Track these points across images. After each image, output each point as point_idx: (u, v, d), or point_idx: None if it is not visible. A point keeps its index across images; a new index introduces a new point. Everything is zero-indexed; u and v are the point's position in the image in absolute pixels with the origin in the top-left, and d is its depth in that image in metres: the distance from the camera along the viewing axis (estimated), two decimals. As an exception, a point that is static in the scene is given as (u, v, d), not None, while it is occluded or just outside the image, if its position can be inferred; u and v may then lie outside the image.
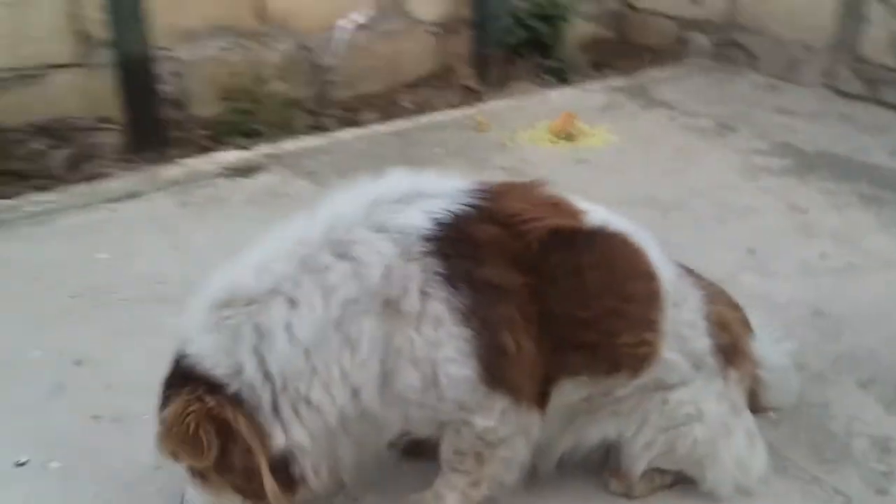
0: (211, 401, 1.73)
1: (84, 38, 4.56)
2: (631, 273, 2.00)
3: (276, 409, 1.78)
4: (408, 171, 1.96)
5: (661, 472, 2.23)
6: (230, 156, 4.39)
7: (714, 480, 2.19)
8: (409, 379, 1.81)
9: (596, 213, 2.02)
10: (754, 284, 3.19)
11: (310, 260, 1.79)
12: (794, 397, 2.54)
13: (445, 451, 2.03)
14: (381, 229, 1.82)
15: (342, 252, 1.80)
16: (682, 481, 2.25)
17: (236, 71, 5.00)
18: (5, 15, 4.29)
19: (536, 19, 6.09)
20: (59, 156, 4.33)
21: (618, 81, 5.82)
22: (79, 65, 4.60)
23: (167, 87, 4.76)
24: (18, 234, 3.51)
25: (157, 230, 3.57)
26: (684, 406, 2.10)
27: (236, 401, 1.75)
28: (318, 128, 4.98)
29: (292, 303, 1.77)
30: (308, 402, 1.79)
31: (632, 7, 6.87)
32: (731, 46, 6.32)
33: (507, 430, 1.94)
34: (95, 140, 4.51)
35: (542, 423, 2.00)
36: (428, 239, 1.80)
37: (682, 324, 2.07)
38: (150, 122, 4.52)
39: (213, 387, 1.75)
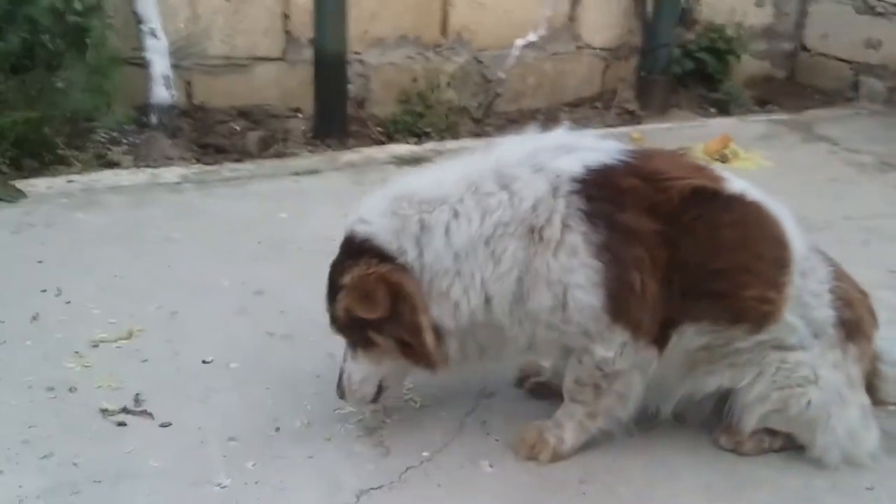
0: (385, 266, 2.08)
1: (289, 37, 5.17)
2: (764, 236, 2.19)
3: (432, 294, 2.12)
4: (569, 130, 2.27)
5: (772, 433, 2.36)
6: (401, 148, 4.85)
7: (824, 447, 2.30)
8: (542, 298, 2.09)
9: (737, 182, 2.24)
10: (891, 299, 3.21)
11: (476, 184, 2.12)
12: None
13: (567, 381, 2.28)
14: (538, 170, 2.12)
15: (504, 183, 2.12)
16: (791, 447, 2.37)
17: (415, 77, 5.48)
18: (224, 8, 4.95)
19: (706, 52, 6.22)
20: (254, 136, 4.91)
21: (781, 116, 5.86)
22: (281, 59, 5.21)
23: (353, 87, 5.30)
24: (216, 193, 4.07)
25: (331, 201, 4.01)
26: (802, 368, 2.24)
27: (404, 270, 2.10)
28: (480, 134, 5.35)
29: (455, 213, 2.10)
30: (447, 297, 2.10)
31: (805, 48, 6.87)
32: (905, 92, 6.20)
33: (624, 363, 2.16)
34: (286, 126, 5.08)
35: (657, 363, 2.21)
36: (576, 181, 2.09)
37: (807, 292, 2.23)
38: (336, 115, 5.04)
39: (384, 258, 2.10)
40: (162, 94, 4.71)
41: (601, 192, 2.09)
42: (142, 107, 4.76)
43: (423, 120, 5.31)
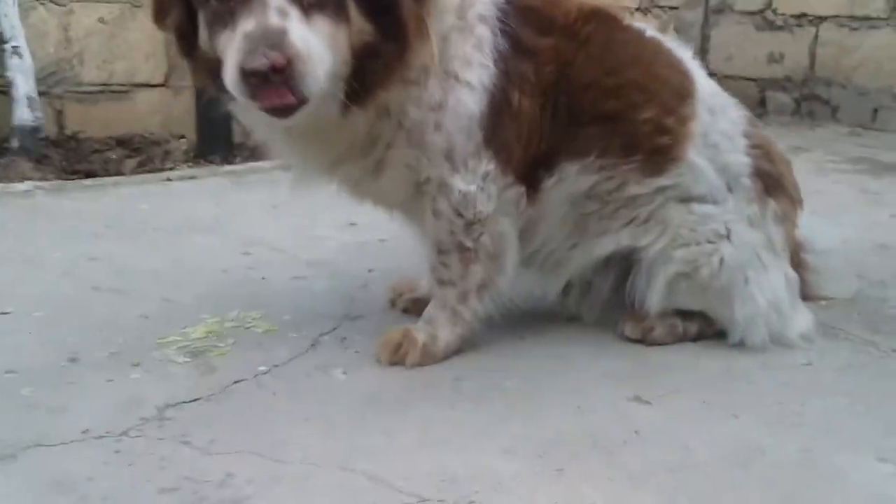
0: None
1: (172, 62, 4.86)
2: (663, 61, 1.95)
3: None
4: None
5: (685, 317, 1.98)
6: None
7: (745, 321, 1.92)
8: (433, 88, 1.75)
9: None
10: (818, 229, 2.91)
11: None
12: (846, 289, 2.25)
13: (430, 254, 1.88)
14: None
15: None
16: (707, 333, 1.98)
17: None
18: (100, 32, 4.64)
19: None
20: (131, 162, 4.51)
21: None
22: (164, 85, 4.89)
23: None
24: (72, 196, 3.60)
25: (203, 196, 3.62)
26: (711, 221, 1.91)
27: None
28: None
29: None
30: None
31: (711, 73, 6.83)
32: (812, 101, 6.15)
33: (487, 202, 1.80)
34: (167, 149, 4.70)
35: (534, 212, 1.88)
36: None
37: (716, 131, 1.93)
38: (220, 137, 4.68)
39: None
40: (25, 115, 4.30)
41: (514, 6, 1.82)
42: (5, 135, 4.35)
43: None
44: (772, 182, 1.99)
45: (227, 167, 4.29)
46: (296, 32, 1.48)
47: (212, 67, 1.62)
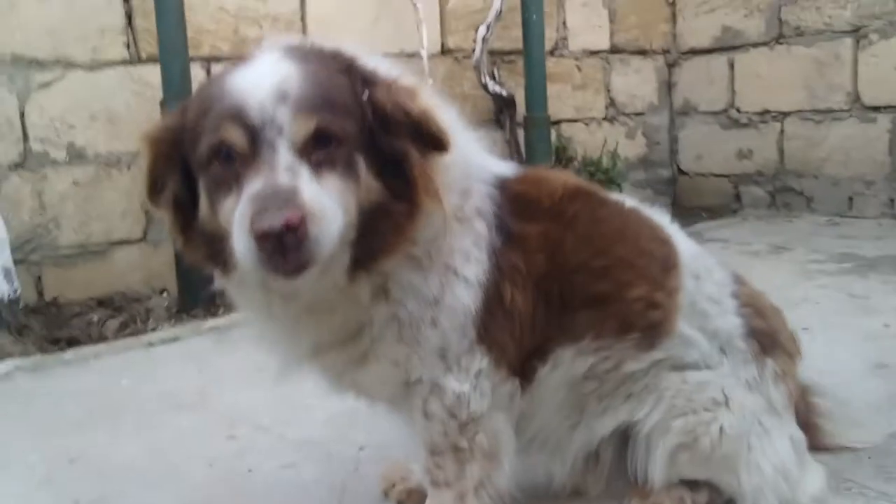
0: None
1: (149, 216, 4.87)
2: (646, 233, 1.93)
3: None
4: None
5: (692, 488, 1.91)
6: (274, 308, 4.43)
7: (753, 490, 1.86)
8: (432, 280, 1.71)
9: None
10: (812, 350, 2.87)
11: None
12: (867, 435, 2.20)
13: (423, 458, 1.82)
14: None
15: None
16: (717, 503, 1.91)
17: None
18: (73, 195, 4.66)
19: (585, 186, 6.19)
20: (113, 323, 4.45)
21: (671, 231, 5.75)
22: (142, 240, 4.88)
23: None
24: (53, 375, 3.52)
25: (186, 361, 3.57)
26: (707, 388, 1.87)
27: None
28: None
29: None
30: None
31: (683, 172, 6.96)
32: (786, 193, 6.25)
33: (481, 401, 1.75)
34: (149, 306, 4.66)
35: (532, 405, 1.85)
36: (497, 179, 1.84)
37: (703, 297, 1.91)
38: (201, 288, 4.63)
39: None
40: (2, 288, 4.24)
41: (506, 195, 1.82)
42: (-17, 309, 4.29)
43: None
44: (767, 340, 1.96)
45: (210, 322, 4.24)
46: (307, 191, 1.43)
47: (211, 242, 1.58)
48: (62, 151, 4.62)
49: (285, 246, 1.39)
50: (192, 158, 1.58)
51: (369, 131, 1.57)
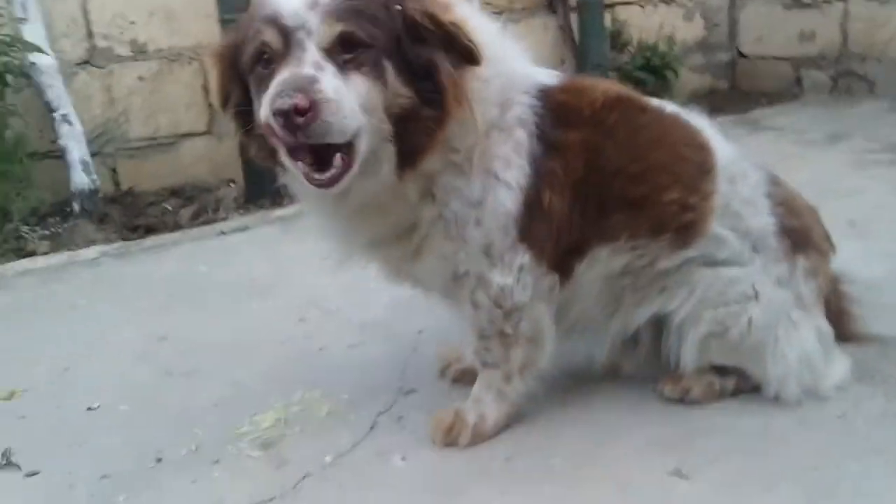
0: None
1: (212, 109, 5.05)
2: (683, 139, 2.02)
3: None
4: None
5: (721, 373, 2.08)
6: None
7: (778, 378, 2.01)
8: (474, 183, 1.86)
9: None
10: (853, 247, 2.95)
11: None
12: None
13: (473, 343, 2.01)
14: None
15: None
16: (746, 388, 2.07)
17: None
18: (140, 89, 4.84)
19: (642, 71, 6.11)
20: (186, 212, 4.71)
21: (726, 118, 5.70)
22: (207, 133, 5.08)
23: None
24: (136, 261, 3.81)
25: (256, 249, 3.80)
26: (738, 283, 2.00)
27: None
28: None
29: None
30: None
31: (742, 55, 6.80)
32: (848, 77, 6.09)
33: (524, 292, 1.91)
34: (218, 196, 4.90)
35: (576, 298, 2.00)
36: (539, 89, 1.94)
37: (738, 199, 2.02)
38: (267, 179, 4.82)
39: None
40: (82, 179, 4.53)
41: (546, 103, 1.92)
42: (66, 199, 4.58)
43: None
44: (799, 238, 2.06)
45: (277, 212, 4.45)
46: (327, 82, 1.61)
47: (267, 141, 1.76)
48: (126, 47, 4.78)
49: (296, 125, 1.57)
50: (243, 66, 1.75)
51: (399, 40, 1.69)
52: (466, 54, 1.72)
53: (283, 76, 1.62)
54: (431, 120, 1.73)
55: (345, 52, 1.66)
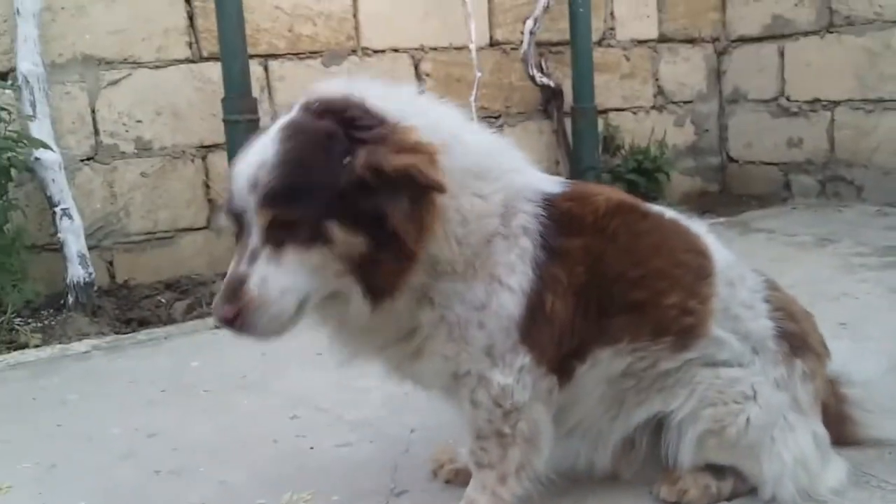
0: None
1: (212, 205, 5.14)
2: (683, 245, 2.06)
3: None
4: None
5: (718, 475, 2.07)
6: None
7: (773, 479, 2.01)
8: (478, 287, 1.89)
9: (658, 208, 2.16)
10: (845, 348, 2.96)
11: None
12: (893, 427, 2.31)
13: (469, 440, 2.01)
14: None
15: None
16: (741, 491, 2.06)
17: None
18: (142, 184, 4.93)
19: (635, 174, 6.25)
20: (181, 305, 4.73)
21: (718, 219, 5.81)
22: (206, 228, 5.15)
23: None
24: (127, 355, 3.80)
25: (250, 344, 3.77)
26: (738, 384, 2.02)
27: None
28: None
29: None
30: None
31: (732, 159, 6.98)
32: (836, 182, 6.24)
33: (523, 393, 1.92)
34: (214, 289, 4.92)
35: (560, 392, 2.00)
36: (543, 196, 1.98)
37: (737, 303, 2.05)
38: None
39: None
40: (78, 272, 4.56)
41: (550, 211, 1.97)
42: (61, 292, 4.60)
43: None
44: (797, 342, 2.09)
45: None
46: (255, 277, 1.70)
47: None
48: (130, 144, 4.90)
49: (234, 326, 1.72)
50: None
51: (342, 196, 1.70)
52: (427, 189, 1.72)
53: (226, 276, 1.76)
54: (390, 263, 1.75)
55: (281, 229, 1.70)
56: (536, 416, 1.96)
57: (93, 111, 4.81)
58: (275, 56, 5.24)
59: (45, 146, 4.42)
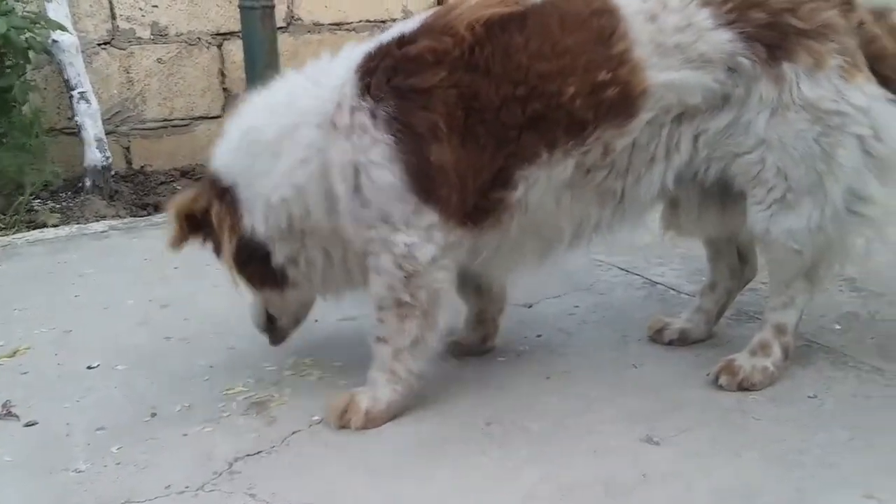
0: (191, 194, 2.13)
1: (227, 94, 5.15)
2: (572, 23, 1.90)
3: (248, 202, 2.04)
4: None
5: (764, 351, 2.04)
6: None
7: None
8: (339, 187, 1.93)
9: None
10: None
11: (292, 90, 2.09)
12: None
13: (372, 310, 2.04)
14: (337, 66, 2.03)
15: (314, 80, 2.04)
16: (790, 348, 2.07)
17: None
18: (159, 71, 4.94)
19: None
20: (196, 192, 4.81)
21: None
22: (221, 117, 5.15)
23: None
24: (144, 235, 3.87)
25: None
26: (736, 128, 1.86)
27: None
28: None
29: (269, 111, 2.06)
30: (260, 197, 2.01)
31: None
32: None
33: (428, 250, 1.91)
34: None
35: (472, 241, 2.00)
36: (359, 64, 1.97)
37: (669, 32, 1.85)
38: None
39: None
40: (95, 156, 4.62)
41: (383, 63, 1.92)
42: (79, 175, 4.68)
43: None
44: (773, 35, 1.82)
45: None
46: None
47: None
48: (147, 30, 4.88)
49: None
50: None
51: None
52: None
53: None
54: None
55: None
56: (437, 286, 1.95)
57: (110, -6, 4.78)
58: (288, -55, 5.14)
59: (63, 28, 4.42)
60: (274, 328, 2.32)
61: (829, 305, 2.50)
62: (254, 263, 2.09)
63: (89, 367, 2.47)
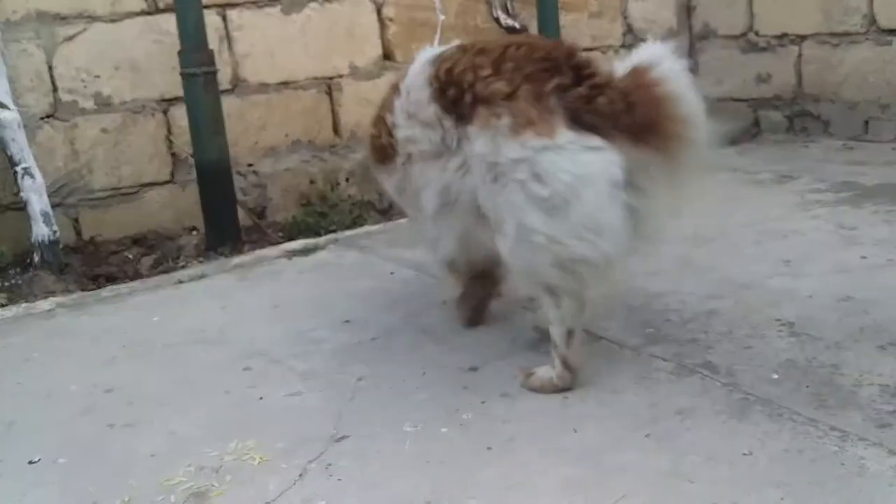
0: None
1: (175, 158, 5.13)
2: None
3: None
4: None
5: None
6: (295, 244, 4.67)
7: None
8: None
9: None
10: (783, 284, 3.05)
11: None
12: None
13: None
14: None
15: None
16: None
17: (312, 179, 5.44)
18: (104, 141, 4.92)
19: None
20: (147, 260, 4.78)
21: (684, 159, 5.82)
22: (171, 182, 5.15)
23: (250, 197, 5.24)
24: (91, 312, 3.84)
25: (211, 298, 3.83)
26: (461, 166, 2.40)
27: None
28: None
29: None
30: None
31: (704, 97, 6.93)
32: (804, 117, 6.24)
33: None
34: (180, 244, 4.96)
35: None
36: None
37: (411, 104, 2.47)
38: (227, 225, 4.89)
39: None
40: (42, 231, 4.57)
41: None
42: (27, 251, 4.62)
43: (326, 219, 5.21)
44: (459, 104, 2.35)
45: (236, 259, 4.50)
46: None
47: None
48: (90, 101, 4.87)
49: None
50: None
51: None
52: None
53: None
54: None
55: None
56: None
57: (50, 68, 4.77)
58: (233, 5, 5.18)
59: (4, 106, 4.40)
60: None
61: (768, 353, 2.53)
62: None
63: (31, 462, 2.42)
